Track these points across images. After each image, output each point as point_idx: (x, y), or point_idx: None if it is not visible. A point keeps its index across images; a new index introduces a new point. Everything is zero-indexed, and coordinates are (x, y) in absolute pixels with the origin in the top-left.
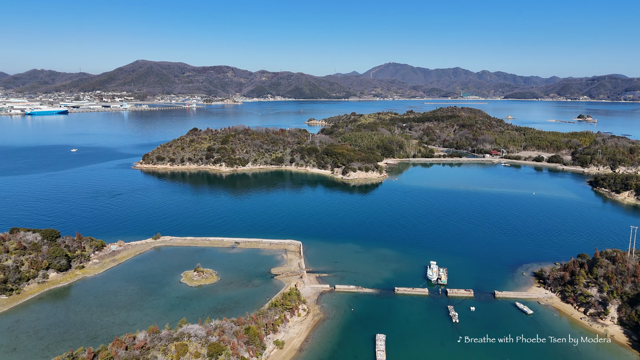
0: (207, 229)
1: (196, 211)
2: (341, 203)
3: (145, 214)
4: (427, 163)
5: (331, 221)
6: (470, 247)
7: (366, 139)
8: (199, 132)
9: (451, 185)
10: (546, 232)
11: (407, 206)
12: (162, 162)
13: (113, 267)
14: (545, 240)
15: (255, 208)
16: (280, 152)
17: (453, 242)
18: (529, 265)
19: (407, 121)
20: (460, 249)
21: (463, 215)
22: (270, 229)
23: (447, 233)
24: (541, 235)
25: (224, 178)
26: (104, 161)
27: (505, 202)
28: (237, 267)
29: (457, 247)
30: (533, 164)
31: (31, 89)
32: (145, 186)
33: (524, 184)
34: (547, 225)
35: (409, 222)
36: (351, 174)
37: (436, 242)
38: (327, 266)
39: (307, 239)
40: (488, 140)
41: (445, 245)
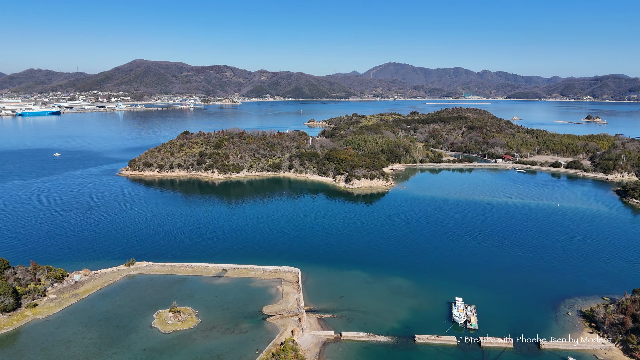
0: (191, 250)
1: (180, 228)
2: (345, 217)
3: (122, 233)
4: (435, 169)
5: (334, 240)
6: (498, 276)
7: (370, 142)
8: (190, 135)
9: (465, 195)
10: (583, 254)
11: (419, 221)
12: (149, 169)
13: (73, 305)
14: (584, 266)
15: (248, 223)
16: (277, 157)
17: (477, 269)
18: (573, 300)
19: (411, 122)
20: (488, 278)
21: (483, 232)
22: (264, 250)
23: (469, 256)
24: (578, 258)
25: (217, 186)
26: (88, 167)
27: (528, 215)
28: (223, 304)
29: (484, 275)
30: (550, 169)
31: (27, 88)
32: (127, 196)
33: (544, 193)
34: (582, 246)
35: (423, 242)
36: (355, 182)
37: (458, 269)
38: (330, 303)
39: (306, 264)
40: (499, 144)
41: (469, 273)
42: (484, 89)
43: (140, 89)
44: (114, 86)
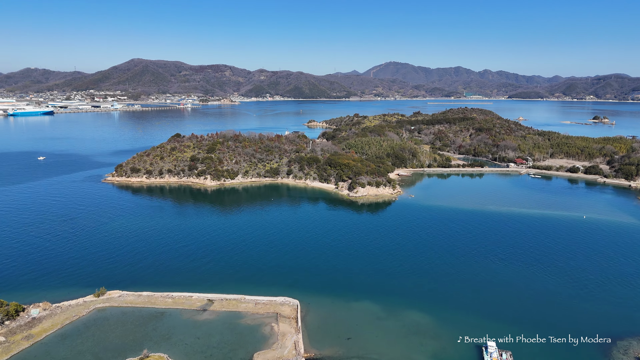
0: (174, 274)
1: (164, 246)
2: (350, 231)
3: (96, 252)
4: (444, 174)
5: (339, 261)
6: (532, 308)
7: (374, 145)
8: (182, 138)
9: (480, 205)
10: (625, 280)
11: (434, 237)
12: (137, 175)
13: (24, 351)
14: (630, 295)
15: (242, 239)
16: (275, 162)
17: (507, 299)
18: (626, 343)
19: (415, 123)
20: (521, 311)
21: (507, 250)
22: (259, 273)
23: (496, 282)
24: (620, 285)
25: (209, 193)
26: (72, 172)
27: (553, 229)
28: (205, 349)
29: (515, 308)
30: (567, 175)
31: (23, 88)
32: (110, 207)
33: (566, 202)
34: (621, 268)
35: (440, 263)
36: (359, 189)
37: (484, 299)
38: (336, 347)
39: (307, 292)
40: (510, 147)
41: (498, 305)
42: (485, 89)
43: (137, 88)
44: (111, 85)
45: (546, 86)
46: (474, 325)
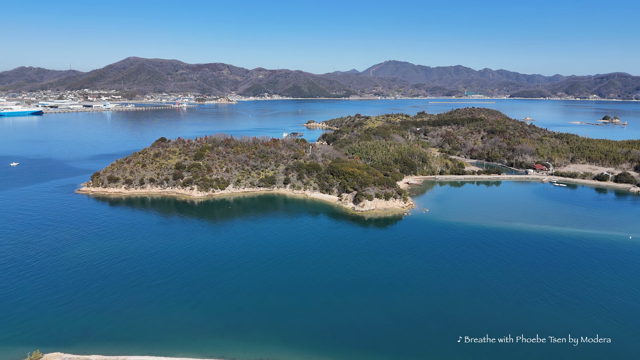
0: (139, 323)
1: (133, 282)
2: (357, 259)
3: (43, 293)
4: (457, 181)
5: (343, 303)
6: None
7: (380, 150)
8: (167, 143)
9: (505, 221)
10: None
11: (457, 268)
12: (115, 185)
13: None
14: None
15: (227, 272)
16: (271, 169)
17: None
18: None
19: (420, 125)
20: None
21: (557, 288)
22: (247, 326)
23: (562, 348)
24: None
25: (196, 206)
26: (45, 180)
27: (600, 256)
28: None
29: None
30: (594, 183)
31: (16, 87)
32: (77, 225)
33: (602, 218)
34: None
35: (469, 308)
36: (366, 203)
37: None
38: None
39: (309, 354)
40: (528, 151)
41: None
42: (486, 88)
43: (133, 87)
44: (106, 84)
45: (548, 85)
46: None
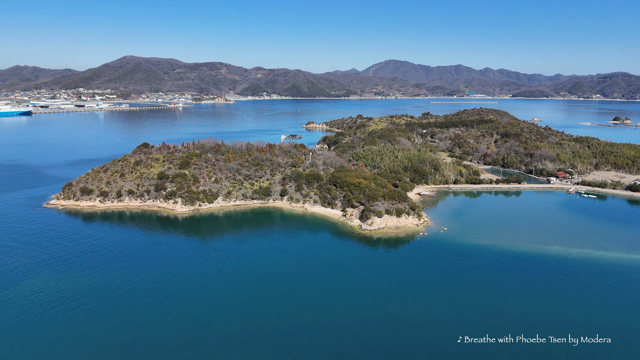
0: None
1: (90, 337)
2: (366, 294)
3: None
4: (473, 192)
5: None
6: None
7: (388, 156)
8: (150, 149)
9: (539, 244)
10: None
11: (486, 308)
12: (88, 197)
13: None
14: None
15: (211, 319)
16: (266, 179)
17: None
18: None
19: (427, 126)
20: None
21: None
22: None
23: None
24: None
25: (180, 222)
26: (12, 191)
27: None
28: None
29: None
30: (626, 194)
31: (10, 86)
32: (38, 250)
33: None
34: None
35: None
36: (375, 220)
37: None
38: None
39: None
40: (548, 157)
41: None
42: (487, 87)
43: (129, 86)
44: (102, 83)
45: (550, 85)
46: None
